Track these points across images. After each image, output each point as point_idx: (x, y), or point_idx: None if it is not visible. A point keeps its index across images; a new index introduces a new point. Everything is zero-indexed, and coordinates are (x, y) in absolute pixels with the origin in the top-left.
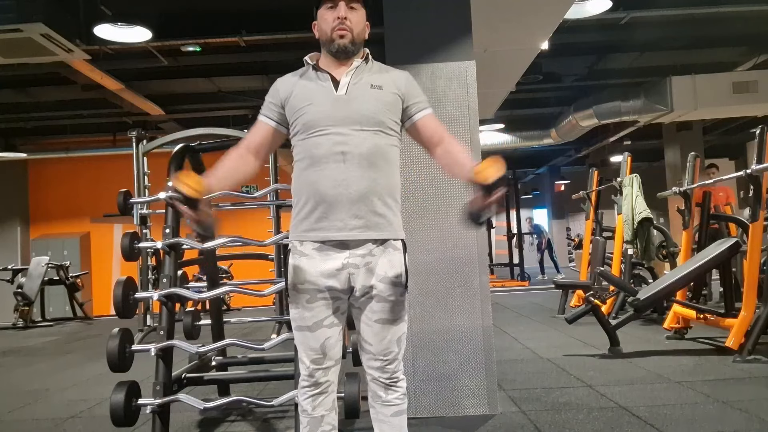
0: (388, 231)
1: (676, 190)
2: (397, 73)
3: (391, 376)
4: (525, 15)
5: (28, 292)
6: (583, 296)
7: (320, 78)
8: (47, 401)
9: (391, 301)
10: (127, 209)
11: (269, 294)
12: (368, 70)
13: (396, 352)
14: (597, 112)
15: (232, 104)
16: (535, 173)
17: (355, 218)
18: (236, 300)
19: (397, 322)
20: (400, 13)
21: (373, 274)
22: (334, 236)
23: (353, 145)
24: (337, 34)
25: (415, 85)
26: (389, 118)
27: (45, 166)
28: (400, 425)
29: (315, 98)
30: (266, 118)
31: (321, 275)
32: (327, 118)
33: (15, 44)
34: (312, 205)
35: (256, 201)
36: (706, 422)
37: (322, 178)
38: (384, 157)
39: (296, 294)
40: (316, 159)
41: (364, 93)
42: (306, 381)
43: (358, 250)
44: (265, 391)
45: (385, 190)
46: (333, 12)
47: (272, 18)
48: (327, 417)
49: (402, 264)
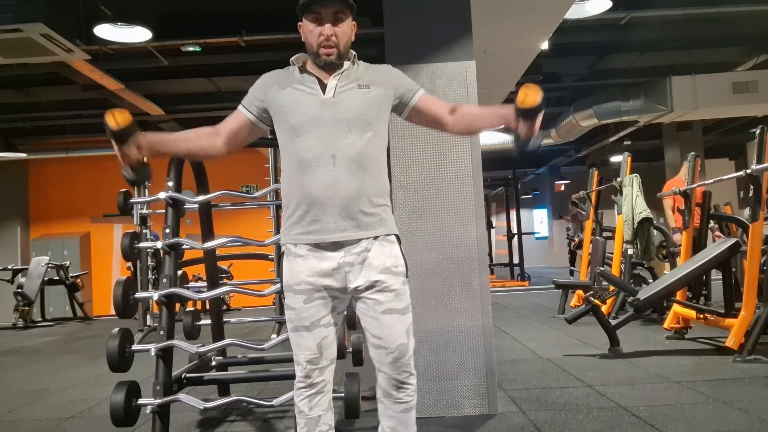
0: (380, 228)
1: (676, 190)
2: (382, 69)
3: (403, 371)
4: (525, 15)
5: (28, 292)
6: (583, 296)
7: (307, 81)
8: (47, 401)
9: (394, 290)
10: (127, 209)
11: (269, 294)
12: (354, 71)
13: (406, 343)
14: (597, 112)
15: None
16: (535, 173)
17: (347, 219)
18: (236, 300)
19: (403, 312)
20: (400, 13)
21: (371, 267)
22: (327, 238)
23: (343, 148)
24: (323, 51)
25: (400, 74)
26: (378, 117)
27: (45, 166)
28: (409, 421)
29: (303, 102)
30: (246, 110)
31: (317, 275)
32: (315, 122)
33: (15, 44)
34: (304, 209)
35: (255, 201)
36: (706, 422)
37: (312, 181)
38: (373, 159)
39: (293, 295)
40: (305, 162)
41: (352, 94)
42: (302, 382)
43: (353, 248)
44: (265, 391)
45: (375, 191)
46: (318, 27)
47: (272, 18)
48: (324, 417)
49: (399, 254)
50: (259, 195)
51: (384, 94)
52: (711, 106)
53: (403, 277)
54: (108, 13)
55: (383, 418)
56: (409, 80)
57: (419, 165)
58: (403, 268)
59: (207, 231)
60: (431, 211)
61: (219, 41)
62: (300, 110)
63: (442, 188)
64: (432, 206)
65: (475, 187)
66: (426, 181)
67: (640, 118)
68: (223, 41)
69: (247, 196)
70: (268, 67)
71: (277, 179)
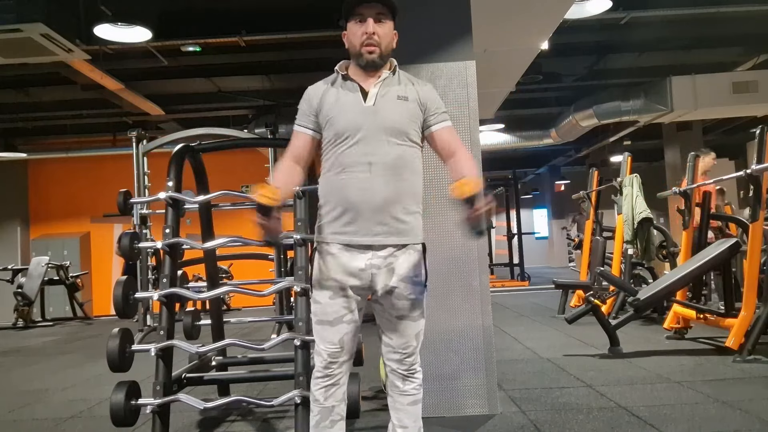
0: (409, 236)
1: (676, 190)
2: (421, 85)
3: (408, 368)
4: (525, 15)
5: (28, 292)
6: (583, 296)
7: (349, 88)
8: (47, 401)
9: (411, 299)
10: (127, 209)
11: (269, 294)
12: (395, 81)
13: (414, 346)
14: (597, 112)
15: (232, 104)
16: (535, 173)
17: (379, 225)
18: (236, 300)
19: (416, 319)
20: (400, 13)
21: (393, 274)
22: (359, 241)
23: (379, 155)
24: (366, 50)
25: (436, 98)
26: (413, 129)
27: (45, 166)
28: (415, 413)
29: (344, 108)
30: (303, 128)
31: (345, 274)
32: (355, 128)
33: (15, 44)
34: (340, 211)
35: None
36: (706, 422)
37: (349, 185)
38: (408, 167)
39: (320, 290)
40: (344, 166)
41: (390, 104)
42: (320, 372)
43: (381, 252)
44: (265, 391)
45: (408, 198)
46: (361, 27)
47: (272, 18)
48: (337, 408)
49: (422, 265)
50: None
51: (418, 108)
52: (711, 106)
53: (422, 287)
54: (108, 13)
55: (392, 410)
56: (442, 107)
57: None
58: (423, 278)
59: (207, 231)
60: (431, 211)
61: (219, 41)
62: (343, 116)
63: (442, 189)
64: (432, 206)
65: None
66: (426, 182)
67: (640, 118)
68: (223, 41)
69: (247, 196)
70: (268, 67)
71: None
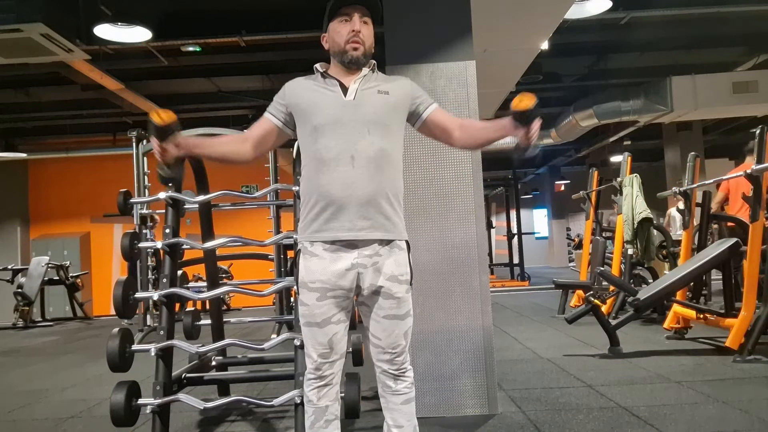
0: (393, 232)
1: (676, 190)
2: (401, 80)
3: (399, 368)
4: (525, 15)
5: (28, 292)
6: (583, 296)
7: (329, 84)
8: (47, 401)
9: (398, 298)
10: (127, 209)
11: (269, 294)
12: (375, 78)
13: (403, 345)
14: (597, 112)
15: (232, 104)
16: (535, 173)
17: (363, 219)
18: (236, 300)
19: (403, 318)
20: (400, 13)
21: (380, 273)
22: (343, 236)
23: (361, 149)
24: (350, 46)
25: (417, 87)
26: (395, 122)
27: (45, 166)
28: (409, 412)
29: (324, 103)
30: (272, 116)
31: (331, 275)
32: (336, 123)
33: (15, 44)
34: (321, 207)
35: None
36: (706, 422)
37: (331, 180)
38: (389, 161)
39: (306, 292)
40: (325, 162)
41: (372, 98)
42: (312, 374)
43: (366, 250)
44: (265, 391)
45: (391, 192)
46: (347, 25)
47: (272, 18)
48: (331, 407)
49: (407, 263)
50: (259, 195)
51: (402, 101)
52: (711, 106)
53: (408, 285)
54: (108, 13)
55: (386, 411)
56: (425, 94)
57: (419, 165)
58: (409, 276)
59: (207, 231)
60: (431, 211)
61: (219, 41)
62: (322, 111)
63: (442, 188)
64: (432, 206)
65: (475, 187)
66: (426, 182)
67: (640, 118)
68: (223, 41)
69: (247, 196)
70: (268, 67)
71: (277, 179)
